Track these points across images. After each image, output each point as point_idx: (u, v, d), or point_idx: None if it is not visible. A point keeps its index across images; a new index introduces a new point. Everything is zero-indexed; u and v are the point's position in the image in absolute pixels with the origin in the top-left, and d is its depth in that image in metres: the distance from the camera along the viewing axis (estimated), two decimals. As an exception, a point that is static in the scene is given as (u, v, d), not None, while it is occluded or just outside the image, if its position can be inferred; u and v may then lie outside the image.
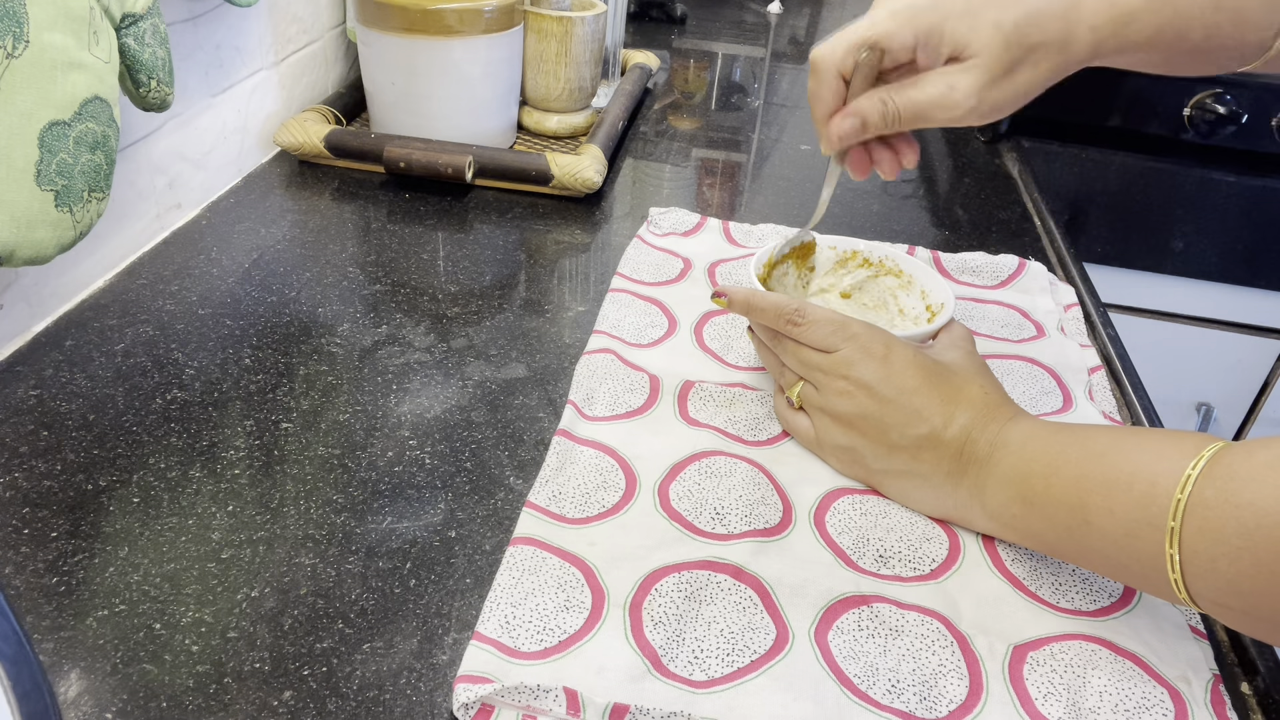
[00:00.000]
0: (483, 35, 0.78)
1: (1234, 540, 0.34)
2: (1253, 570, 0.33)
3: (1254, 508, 0.33)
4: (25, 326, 0.58)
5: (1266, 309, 1.26)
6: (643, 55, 1.07)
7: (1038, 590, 0.45)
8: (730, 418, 0.55)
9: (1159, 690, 0.40)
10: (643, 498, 0.48)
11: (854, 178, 0.57)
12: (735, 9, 1.47)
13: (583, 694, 0.37)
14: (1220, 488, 0.35)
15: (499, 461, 0.51)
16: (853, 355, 0.48)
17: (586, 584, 0.43)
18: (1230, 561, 0.34)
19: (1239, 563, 0.34)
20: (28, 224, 0.49)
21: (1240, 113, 1.10)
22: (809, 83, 0.53)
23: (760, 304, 0.51)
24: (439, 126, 0.81)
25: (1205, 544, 0.35)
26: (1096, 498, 0.39)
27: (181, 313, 0.61)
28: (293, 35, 0.84)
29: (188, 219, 0.72)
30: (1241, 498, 0.34)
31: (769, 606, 0.43)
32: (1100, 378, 0.61)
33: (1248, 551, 0.33)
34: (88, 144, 0.51)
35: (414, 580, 0.44)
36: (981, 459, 0.45)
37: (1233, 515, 0.34)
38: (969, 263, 0.73)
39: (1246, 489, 0.34)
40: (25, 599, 0.41)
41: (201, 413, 0.53)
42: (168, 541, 0.44)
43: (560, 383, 0.57)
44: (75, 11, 0.49)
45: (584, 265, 0.71)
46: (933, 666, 0.41)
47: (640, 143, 0.94)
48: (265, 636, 0.40)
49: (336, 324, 0.61)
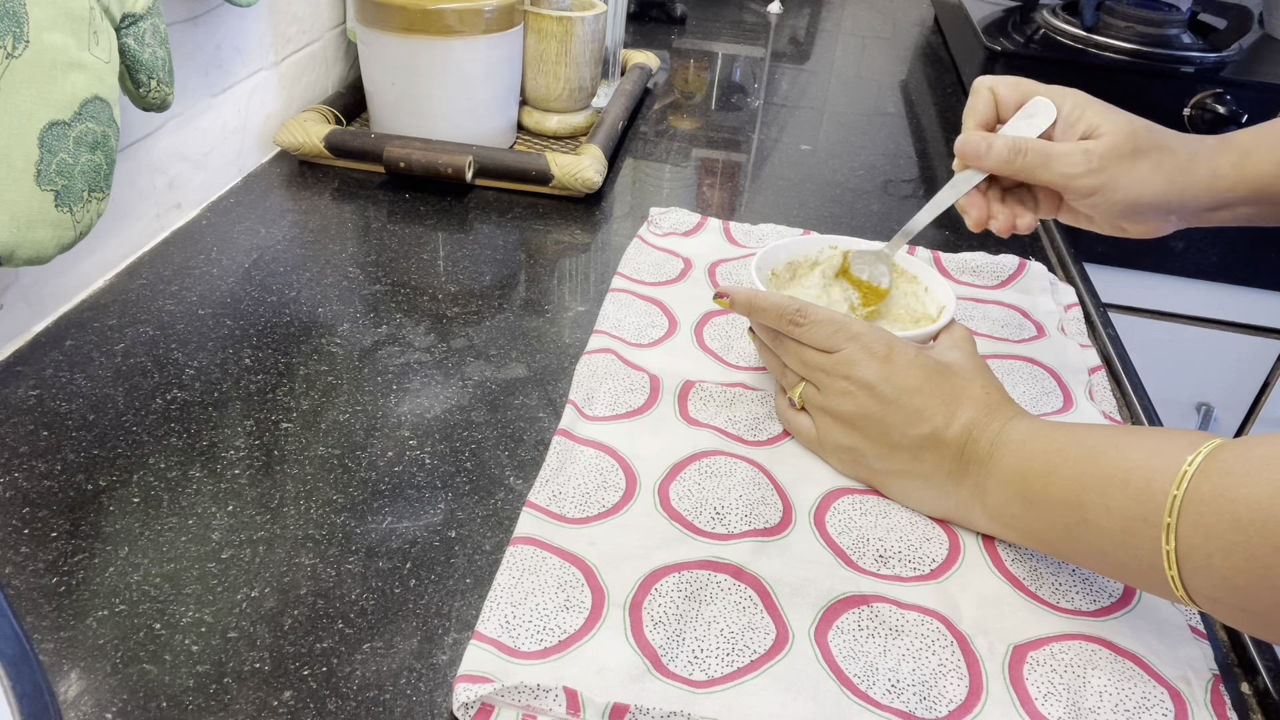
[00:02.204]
0: (483, 35, 0.78)
1: (1228, 535, 0.34)
2: (1246, 565, 0.33)
3: (1248, 502, 0.33)
4: (25, 326, 0.58)
5: (1266, 309, 1.26)
6: (643, 55, 1.07)
7: (1038, 590, 0.45)
8: (730, 418, 0.55)
9: (1159, 690, 0.40)
10: (643, 497, 0.48)
11: (968, 224, 0.58)
12: (735, 9, 1.47)
13: (582, 694, 0.37)
14: (1216, 483, 0.35)
15: (499, 461, 0.51)
16: (855, 355, 0.48)
17: (586, 584, 0.43)
18: (1225, 557, 0.34)
19: (1233, 558, 0.34)
20: (28, 224, 0.49)
21: (1240, 112, 1.10)
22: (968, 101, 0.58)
23: (762, 304, 0.51)
24: (439, 126, 0.81)
25: (1200, 539, 0.35)
26: (1094, 496, 0.39)
27: (181, 313, 0.61)
28: (293, 35, 0.84)
29: (188, 219, 0.72)
30: (1236, 493, 0.34)
31: (769, 606, 0.43)
32: (1100, 378, 0.61)
33: (1241, 546, 0.33)
34: (88, 144, 0.51)
35: (414, 580, 0.44)
36: (982, 459, 0.45)
37: (1227, 510, 0.34)
38: (969, 263, 0.73)
39: (1241, 484, 0.34)
40: (25, 599, 0.41)
41: (201, 413, 0.53)
42: (168, 541, 0.44)
43: (560, 383, 0.57)
44: (75, 11, 0.49)
45: (584, 265, 0.71)
46: (933, 666, 0.41)
47: (640, 143, 0.94)
48: (265, 636, 0.40)
49: (336, 324, 0.61)
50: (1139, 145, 0.53)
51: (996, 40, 1.18)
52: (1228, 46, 1.18)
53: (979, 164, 0.55)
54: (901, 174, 0.91)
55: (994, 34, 1.21)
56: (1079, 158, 0.53)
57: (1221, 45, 1.18)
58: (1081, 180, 0.53)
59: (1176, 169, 0.53)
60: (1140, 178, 0.53)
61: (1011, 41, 1.19)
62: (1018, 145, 0.54)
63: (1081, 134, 0.54)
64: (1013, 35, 1.22)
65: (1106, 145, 0.53)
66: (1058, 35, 1.22)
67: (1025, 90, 0.56)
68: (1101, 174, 0.53)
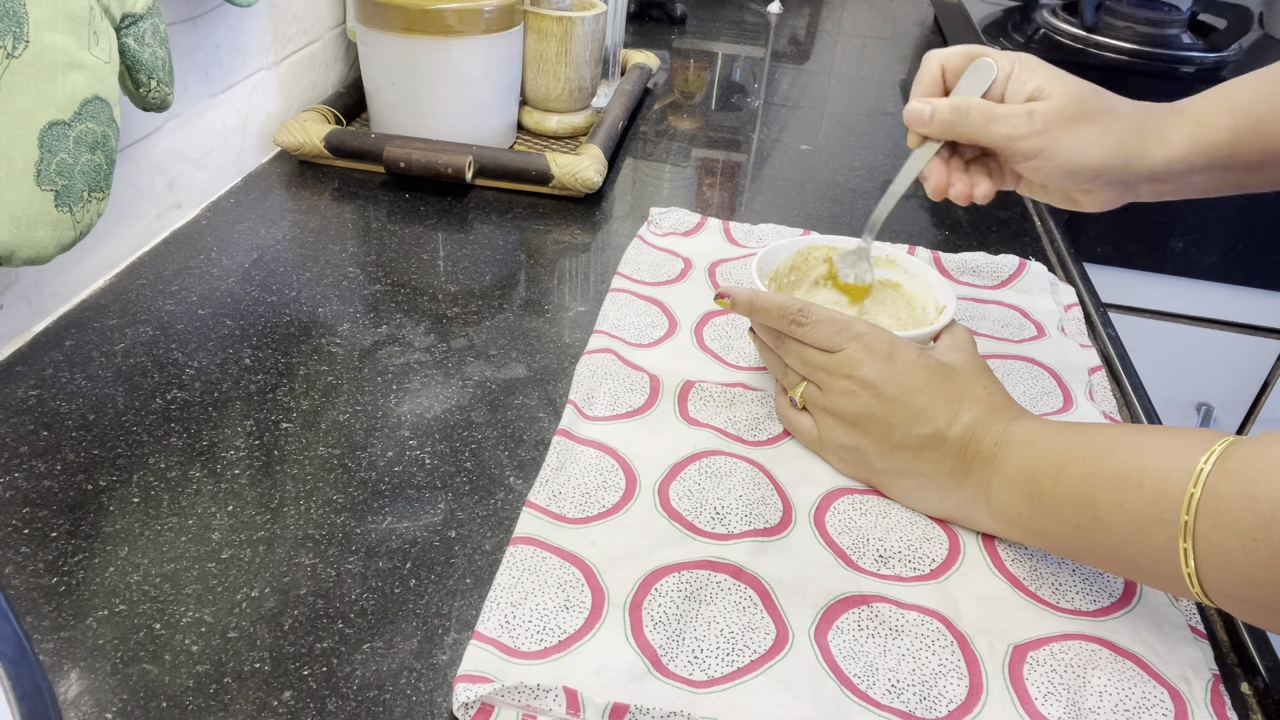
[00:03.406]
0: (483, 35, 0.78)
1: (1249, 532, 0.34)
2: (1268, 561, 0.34)
3: (1270, 499, 0.33)
4: (25, 326, 0.58)
5: (1266, 309, 1.26)
6: (643, 55, 1.07)
7: (1038, 590, 0.45)
8: (730, 418, 0.55)
9: (1159, 690, 0.40)
10: (643, 497, 0.48)
11: (928, 191, 0.58)
12: (735, 9, 1.47)
13: (582, 693, 0.37)
14: (1234, 481, 0.35)
15: (499, 461, 0.51)
16: (856, 355, 0.48)
17: (586, 584, 0.43)
18: (1246, 553, 0.34)
19: (1254, 554, 0.34)
20: (28, 224, 0.49)
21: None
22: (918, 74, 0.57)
23: (763, 304, 0.51)
24: (439, 126, 0.81)
25: (1220, 537, 0.35)
26: (1106, 494, 0.39)
27: (181, 313, 0.61)
28: (293, 35, 0.84)
29: (188, 219, 0.72)
30: (1258, 490, 0.34)
31: (769, 606, 0.43)
32: (1100, 378, 0.61)
33: (1264, 543, 0.33)
34: (88, 144, 0.51)
35: (414, 580, 0.44)
36: (986, 458, 0.45)
37: (1248, 507, 0.34)
38: (969, 263, 0.73)
39: (1262, 481, 0.34)
40: (25, 599, 0.41)
41: (201, 413, 0.53)
42: (168, 541, 0.44)
43: (560, 383, 0.57)
44: (75, 11, 0.49)
45: (584, 265, 0.71)
46: (933, 666, 0.41)
47: (640, 143, 0.94)
48: (265, 636, 0.40)
49: (336, 324, 0.61)
50: (1086, 109, 0.51)
51: (996, 40, 1.18)
52: (1228, 46, 1.18)
53: (925, 129, 0.55)
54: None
55: (994, 34, 1.21)
56: (1021, 119, 0.52)
57: (1221, 45, 1.18)
58: (1023, 142, 0.52)
59: (1124, 132, 0.52)
60: (1086, 142, 0.51)
61: (1011, 41, 1.19)
62: (960, 106, 0.53)
63: (1029, 95, 0.53)
64: (1013, 35, 1.22)
65: (1051, 107, 0.51)
66: (1058, 35, 1.21)
67: (972, 55, 0.55)
68: (1044, 135, 0.51)
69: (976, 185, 0.56)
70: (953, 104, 0.54)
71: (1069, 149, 0.51)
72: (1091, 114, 0.51)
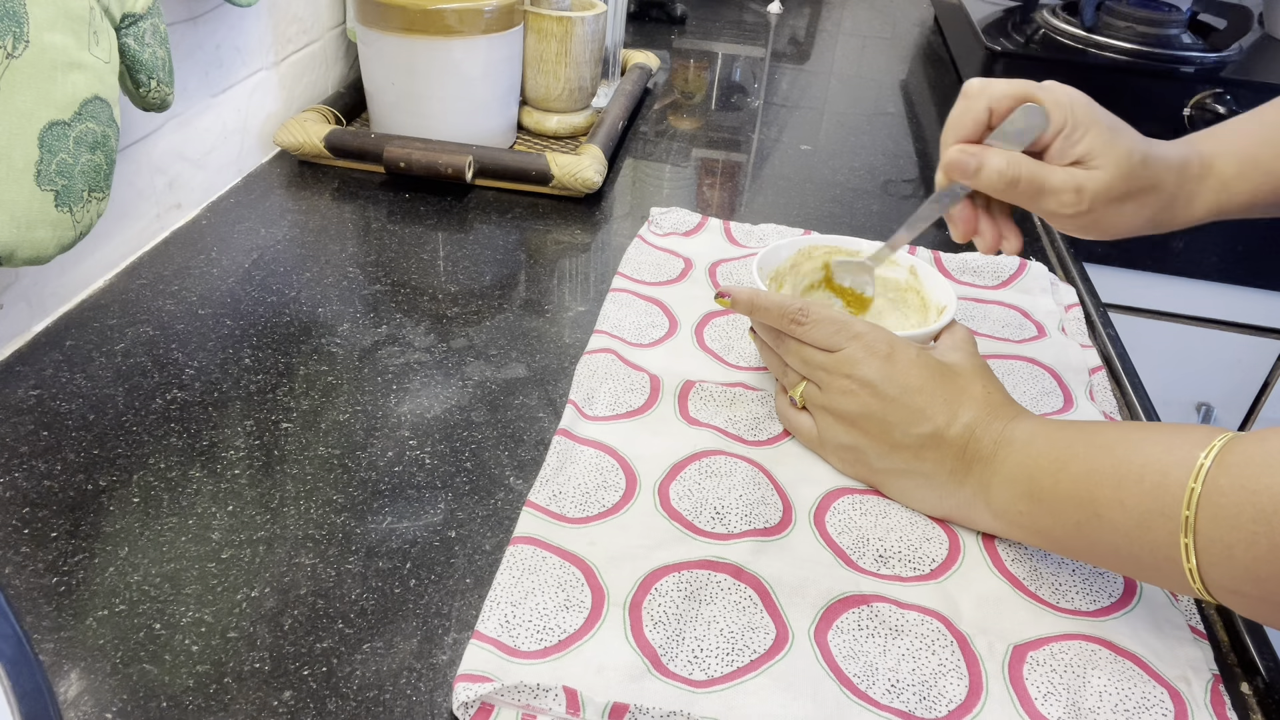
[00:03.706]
0: (483, 35, 0.78)
1: (1250, 526, 0.34)
2: (1270, 555, 0.34)
3: (1270, 493, 0.34)
4: (25, 326, 0.58)
5: (1266, 309, 1.26)
6: (643, 55, 1.07)
7: (1038, 590, 0.45)
8: (730, 417, 0.55)
9: (1159, 690, 0.40)
10: (643, 497, 0.48)
11: (954, 235, 0.56)
12: (735, 9, 1.47)
13: (582, 693, 0.37)
14: (1235, 475, 0.35)
15: (499, 461, 0.51)
16: (856, 354, 0.48)
17: (586, 583, 0.43)
18: (1247, 547, 0.34)
19: (1255, 548, 0.34)
20: (28, 224, 0.49)
21: (1240, 112, 1.10)
22: (955, 105, 0.54)
23: (763, 304, 0.51)
24: (439, 126, 0.81)
25: (1221, 531, 0.35)
26: (1106, 491, 0.39)
27: (181, 313, 0.61)
28: (293, 35, 0.84)
29: (188, 219, 0.72)
30: (1259, 483, 0.34)
31: (769, 606, 0.43)
32: (1101, 378, 0.61)
33: (1265, 536, 0.34)
34: (88, 144, 0.51)
35: (414, 580, 0.44)
36: (986, 457, 0.45)
37: (1249, 501, 0.34)
38: (970, 263, 0.73)
39: (1263, 475, 0.34)
40: (25, 599, 0.41)
41: (201, 413, 0.53)
42: (168, 541, 0.44)
43: (560, 383, 0.57)
44: (75, 11, 0.49)
45: (584, 265, 0.71)
46: (932, 666, 0.41)
47: (640, 143, 0.94)
48: (265, 636, 0.40)
49: (336, 324, 0.61)
50: (1131, 189, 0.51)
51: (996, 40, 1.18)
52: (1228, 46, 1.18)
53: (968, 182, 0.53)
54: (901, 174, 0.91)
55: (994, 34, 1.21)
56: (1070, 197, 0.51)
57: (1221, 45, 1.18)
58: (1069, 222, 0.53)
59: (1161, 206, 0.53)
60: (1125, 216, 0.52)
61: (1011, 41, 1.19)
62: (1010, 175, 0.51)
63: (1078, 157, 0.51)
64: (1013, 35, 1.22)
65: (1099, 185, 0.51)
66: (1058, 35, 1.21)
67: (1020, 96, 0.52)
68: (1089, 215, 0.52)
69: (1006, 239, 0.56)
70: (1001, 170, 0.51)
71: (1110, 222, 0.52)
72: (1134, 193, 0.52)
